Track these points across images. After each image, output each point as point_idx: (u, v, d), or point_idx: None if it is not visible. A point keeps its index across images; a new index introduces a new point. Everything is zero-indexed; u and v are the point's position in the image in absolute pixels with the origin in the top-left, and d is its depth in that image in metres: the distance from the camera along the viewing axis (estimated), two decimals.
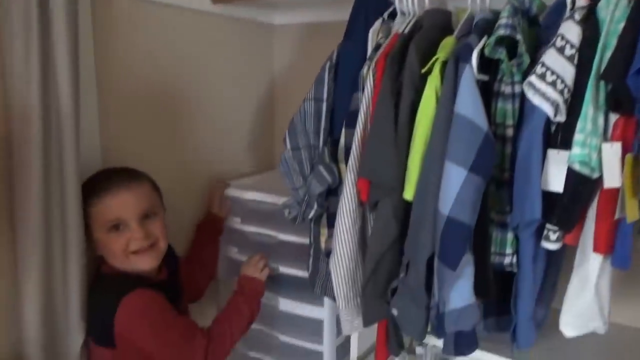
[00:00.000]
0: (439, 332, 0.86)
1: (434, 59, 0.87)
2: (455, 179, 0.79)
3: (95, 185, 1.03)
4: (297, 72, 1.66)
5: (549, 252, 0.94)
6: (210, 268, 1.40)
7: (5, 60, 0.88)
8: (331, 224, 1.07)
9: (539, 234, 0.90)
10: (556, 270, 1.02)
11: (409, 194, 0.89)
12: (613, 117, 0.79)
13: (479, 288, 0.85)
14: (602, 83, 0.77)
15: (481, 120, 0.80)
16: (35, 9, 0.87)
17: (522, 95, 0.87)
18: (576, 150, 0.76)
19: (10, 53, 0.88)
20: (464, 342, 0.90)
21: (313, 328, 1.31)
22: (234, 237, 1.41)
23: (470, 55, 0.82)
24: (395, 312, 0.90)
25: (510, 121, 0.89)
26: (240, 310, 1.16)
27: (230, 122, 1.53)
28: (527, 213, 0.80)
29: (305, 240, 1.26)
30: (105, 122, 1.11)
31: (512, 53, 0.87)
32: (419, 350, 1.34)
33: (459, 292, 0.82)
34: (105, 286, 1.05)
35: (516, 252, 0.92)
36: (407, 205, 0.90)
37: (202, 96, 1.40)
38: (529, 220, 0.82)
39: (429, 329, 0.92)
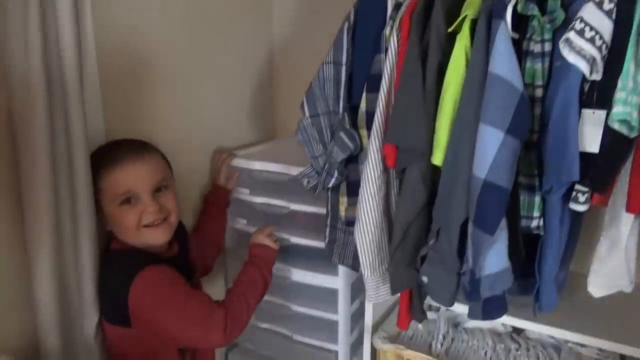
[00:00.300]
0: (472, 297, 0.86)
1: (462, 16, 0.83)
2: (492, 141, 0.76)
3: (105, 157, 0.97)
4: (298, 37, 1.60)
5: (573, 215, 0.93)
6: (219, 241, 1.37)
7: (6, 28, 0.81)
8: (351, 192, 1.04)
9: (567, 197, 0.89)
10: (577, 232, 1.02)
11: (438, 159, 0.86)
12: None
13: (511, 252, 0.84)
14: None
15: (517, 80, 0.77)
16: None
17: (552, 54, 0.85)
18: (618, 108, 0.74)
19: (7, 20, 0.80)
20: (494, 306, 0.90)
21: (327, 297, 1.30)
22: (242, 209, 1.38)
23: (505, 11, 0.78)
24: (425, 279, 0.89)
25: (539, 81, 0.86)
26: (254, 280, 1.13)
27: (230, 90, 1.47)
28: (564, 175, 0.78)
29: (317, 209, 1.24)
30: (106, 93, 1.04)
31: (542, 10, 0.84)
32: (431, 315, 1.35)
33: (495, 257, 0.81)
34: (116, 264, 1.01)
35: (543, 215, 0.91)
36: (436, 170, 0.88)
37: (200, 64, 1.33)
38: (565, 182, 0.81)
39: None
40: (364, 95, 0.96)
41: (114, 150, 0.99)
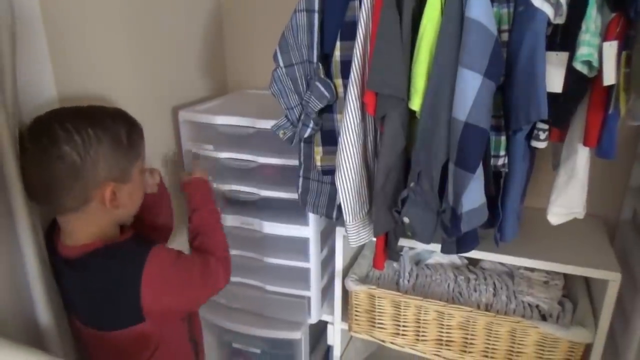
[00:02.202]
0: (452, 233, 0.92)
1: None
2: (472, 85, 0.80)
3: (130, 120, 0.90)
4: None
5: (532, 152, 1.02)
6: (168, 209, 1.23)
7: None
8: (326, 142, 1.06)
9: (528, 135, 0.97)
10: (531, 169, 1.12)
11: (416, 104, 0.89)
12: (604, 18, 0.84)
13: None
14: None
15: (492, 24, 0.81)
16: None
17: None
18: (583, 50, 0.80)
19: None
20: (469, 240, 0.97)
21: (298, 247, 1.33)
22: (206, 166, 1.35)
23: None
24: (406, 219, 0.94)
25: (505, 26, 0.91)
26: (214, 215, 1.09)
27: (180, 45, 1.40)
28: (533, 114, 0.84)
29: (285, 161, 1.25)
30: (55, 57, 0.95)
31: None
32: None
33: (474, 194, 0.87)
34: (111, 263, 0.87)
35: (507, 153, 0.98)
36: (413, 115, 0.92)
37: (147, 19, 1.25)
38: (535, 120, 0.87)
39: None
40: (338, 43, 0.96)
41: (127, 115, 0.92)
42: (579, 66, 0.82)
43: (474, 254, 1.14)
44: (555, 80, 0.87)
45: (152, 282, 0.83)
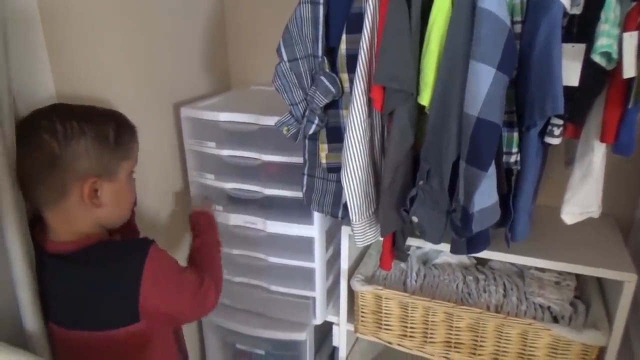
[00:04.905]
0: (462, 233, 0.88)
1: None
2: (485, 79, 0.77)
3: (124, 120, 0.89)
4: None
5: (545, 149, 0.98)
6: None
7: None
8: (331, 139, 1.03)
9: (542, 131, 0.93)
10: (544, 166, 1.08)
11: (425, 99, 0.86)
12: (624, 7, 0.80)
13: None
14: None
15: (505, 15, 0.78)
16: None
17: None
18: (602, 41, 0.76)
19: None
20: (480, 240, 0.94)
21: (302, 246, 1.30)
22: (208, 163, 1.32)
23: None
24: (415, 219, 0.91)
25: (518, 17, 0.87)
26: (215, 243, 1.12)
27: (181, 40, 1.37)
28: (549, 109, 0.80)
29: (289, 159, 1.22)
30: (53, 54, 0.93)
31: None
32: None
33: (486, 193, 0.84)
34: (108, 260, 0.85)
35: (520, 150, 0.95)
36: (422, 110, 0.88)
37: (149, 14, 1.22)
38: (550, 115, 0.84)
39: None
40: (343, 36, 0.93)
41: (122, 116, 0.90)
42: (597, 58, 0.79)
43: (483, 253, 1.10)
44: (571, 74, 0.83)
45: (152, 276, 0.82)
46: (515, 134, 0.93)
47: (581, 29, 0.81)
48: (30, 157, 0.78)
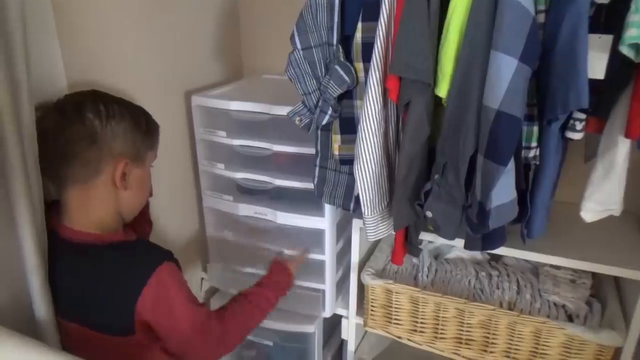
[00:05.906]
0: (478, 229, 0.86)
1: None
2: (506, 70, 0.74)
3: (144, 113, 0.93)
4: None
5: (565, 144, 0.95)
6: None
7: None
8: (345, 130, 1.00)
9: (563, 125, 0.90)
10: (563, 161, 1.05)
11: (443, 90, 0.83)
12: None
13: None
14: None
15: (529, 3, 0.74)
16: None
17: None
18: (632, 32, 0.73)
19: None
20: (496, 236, 0.91)
21: (312, 238, 1.28)
22: (219, 153, 1.31)
23: None
24: (429, 213, 0.89)
25: (542, 5, 0.83)
26: (269, 303, 1.06)
27: (194, 28, 1.34)
28: (572, 102, 0.77)
29: (301, 149, 1.20)
30: (66, 43, 0.92)
31: None
32: None
33: (504, 188, 0.81)
34: (122, 260, 0.85)
35: (539, 144, 0.91)
36: (438, 102, 0.86)
37: (161, 3, 1.19)
38: (573, 109, 0.80)
39: None
40: (359, 24, 0.90)
41: (146, 111, 0.95)
42: (625, 50, 0.75)
43: (497, 249, 1.08)
44: (597, 66, 0.79)
45: (154, 291, 0.81)
46: (535, 128, 0.89)
47: (609, 19, 0.77)
48: (71, 132, 0.81)
